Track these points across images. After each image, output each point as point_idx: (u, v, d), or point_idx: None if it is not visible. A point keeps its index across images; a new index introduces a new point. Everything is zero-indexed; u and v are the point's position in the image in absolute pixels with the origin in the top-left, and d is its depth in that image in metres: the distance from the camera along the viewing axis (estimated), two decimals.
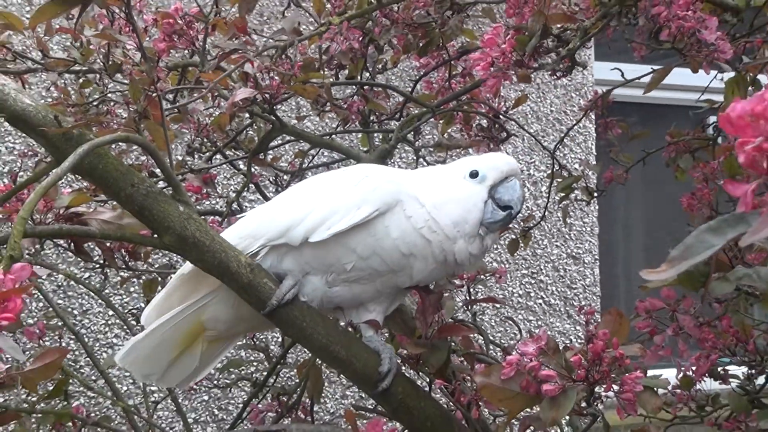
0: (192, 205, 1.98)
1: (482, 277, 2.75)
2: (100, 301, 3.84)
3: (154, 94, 1.94)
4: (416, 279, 1.97)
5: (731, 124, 0.90)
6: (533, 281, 5.44)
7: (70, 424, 2.86)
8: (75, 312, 4.39)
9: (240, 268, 1.91)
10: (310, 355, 2.42)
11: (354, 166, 2.26)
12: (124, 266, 2.48)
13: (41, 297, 3.18)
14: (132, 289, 4.22)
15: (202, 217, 2.84)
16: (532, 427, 1.78)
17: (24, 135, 2.65)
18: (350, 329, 2.03)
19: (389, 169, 2.11)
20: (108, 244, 2.46)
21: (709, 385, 2.54)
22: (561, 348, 1.68)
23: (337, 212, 1.91)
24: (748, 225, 0.91)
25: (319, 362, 2.45)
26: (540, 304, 5.44)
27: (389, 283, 1.97)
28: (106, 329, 4.48)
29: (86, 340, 3.94)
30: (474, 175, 1.96)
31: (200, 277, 2.01)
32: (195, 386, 3.53)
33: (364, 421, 1.92)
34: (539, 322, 5.40)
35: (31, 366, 1.51)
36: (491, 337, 4.82)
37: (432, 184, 1.98)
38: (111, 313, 3.81)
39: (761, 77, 2.78)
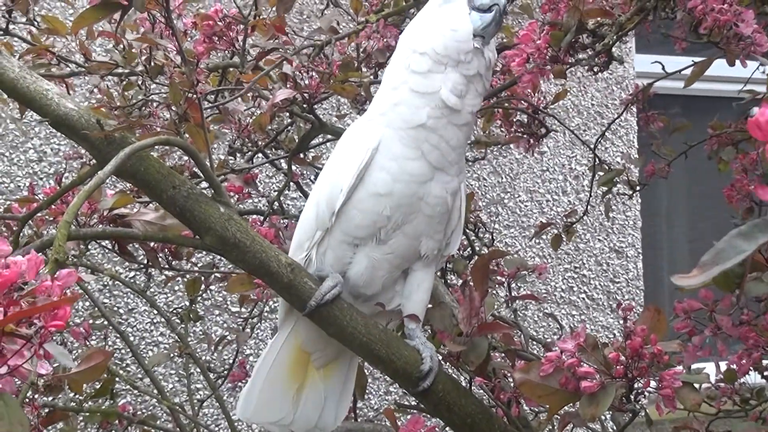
0: (232, 206, 1.99)
1: (524, 273, 2.75)
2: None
3: (194, 97, 1.96)
4: (445, 174, 1.92)
5: (760, 128, 0.90)
6: (576, 276, 5.42)
7: (117, 422, 2.90)
8: (120, 311, 4.44)
9: (280, 268, 1.92)
10: None
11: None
12: (167, 266, 2.51)
13: (87, 297, 3.21)
14: (176, 288, 4.26)
15: (244, 216, 2.87)
16: (571, 424, 1.78)
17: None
18: (390, 328, 2.04)
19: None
20: (151, 245, 2.49)
21: (753, 379, 2.53)
22: (600, 344, 1.68)
23: (342, 177, 1.91)
24: None
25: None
26: (583, 298, 5.42)
27: (424, 225, 1.94)
28: (152, 327, 4.53)
29: (132, 338, 3.99)
30: None
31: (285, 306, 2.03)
32: (240, 383, 3.54)
33: (408, 415, 1.92)
34: (582, 317, 5.37)
35: (77, 368, 1.53)
36: (533, 333, 4.83)
37: (414, 38, 1.91)
38: (156, 311, 3.83)
39: None
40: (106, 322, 3.18)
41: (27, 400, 1.47)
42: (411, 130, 1.88)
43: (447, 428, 2.07)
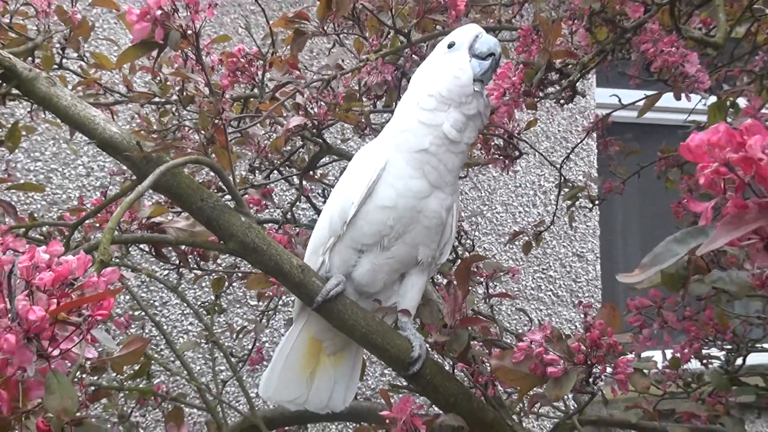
0: (252, 216, 1.99)
1: (499, 274, 2.75)
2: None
3: (220, 123, 1.96)
4: (441, 193, 1.92)
5: (690, 151, 0.91)
6: (544, 276, 5.42)
7: (152, 399, 2.89)
8: (156, 304, 4.44)
9: (292, 269, 1.92)
10: None
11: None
12: (196, 266, 2.51)
13: (128, 292, 3.20)
14: (204, 285, 4.26)
15: (262, 224, 2.87)
16: (539, 403, 1.78)
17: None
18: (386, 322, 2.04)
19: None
20: (182, 248, 2.49)
21: (694, 365, 2.53)
22: (563, 336, 1.69)
23: (353, 192, 1.91)
24: (707, 236, 0.92)
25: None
26: (549, 295, 5.42)
27: (421, 236, 1.94)
28: (182, 318, 4.53)
29: (165, 328, 3.98)
30: (451, 46, 1.90)
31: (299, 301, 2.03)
32: (257, 366, 3.53)
33: (400, 395, 1.92)
34: (549, 311, 5.38)
35: (119, 353, 1.53)
36: (507, 325, 4.83)
37: (423, 81, 1.92)
38: (186, 305, 3.83)
39: (740, 101, 2.75)
40: (143, 314, 3.17)
41: (76, 379, 1.45)
42: (415, 154, 1.89)
43: (433, 406, 2.07)
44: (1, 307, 1.09)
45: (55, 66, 2.61)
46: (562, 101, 2.11)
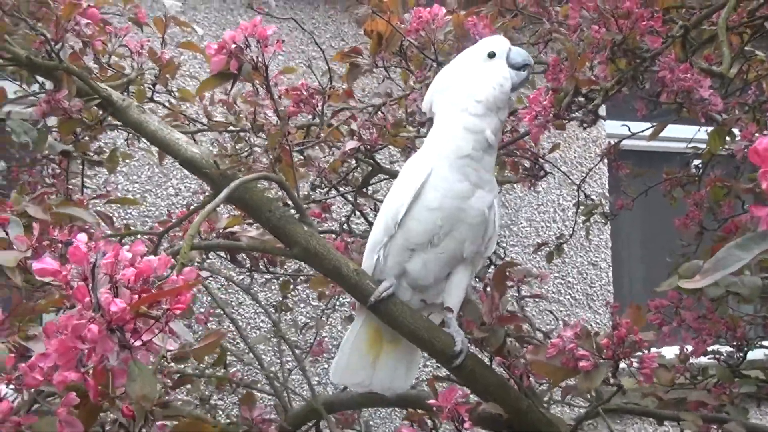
0: (314, 226, 1.90)
1: (529, 279, 2.63)
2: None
3: (286, 144, 1.88)
4: (481, 200, 1.81)
5: (758, 155, 0.77)
6: (563, 282, 5.28)
7: (228, 385, 2.81)
8: (233, 303, 4.36)
9: (349, 272, 1.83)
10: None
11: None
12: (265, 270, 2.41)
13: (208, 293, 3.12)
14: (273, 287, 4.17)
15: (322, 234, 2.79)
16: (570, 394, 1.66)
17: (196, 177, 2.62)
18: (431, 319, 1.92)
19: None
20: (254, 254, 2.41)
21: (700, 360, 2.40)
22: (592, 333, 1.57)
23: (403, 195, 1.81)
24: None
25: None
26: (568, 299, 5.27)
27: (467, 232, 1.82)
28: (255, 316, 4.45)
29: (240, 324, 3.87)
30: (492, 55, 1.79)
31: None
32: (318, 358, 3.44)
33: (443, 386, 1.81)
34: (568, 312, 5.23)
35: (198, 344, 1.45)
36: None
37: (468, 87, 1.80)
38: (258, 304, 3.74)
39: (735, 130, 2.66)
40: (221, 312, 3.09)
41: (160, 368, 1.36)
42: (459, 159, 1.78)
43: (472, 395, 1.95)
44: (87, 300, 1.00)
45: (147, 99, 2.55)
46: (585, 125, 1.98)
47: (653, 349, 1.57)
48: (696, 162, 3.34)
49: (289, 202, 1.99)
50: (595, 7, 1.71)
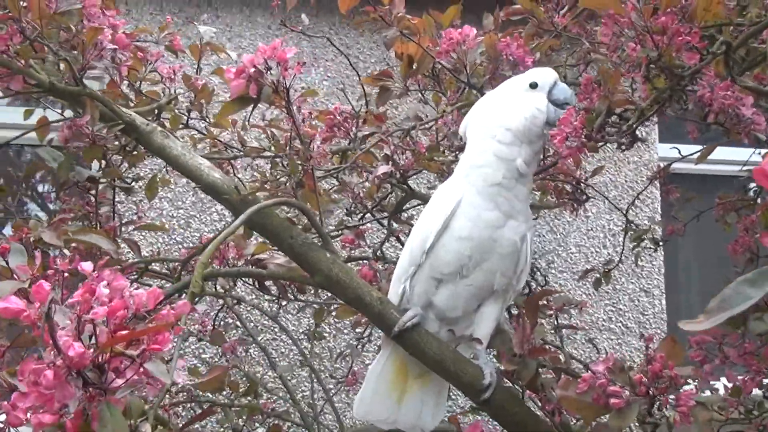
0: (337, 253, 1.85)
1: (568, 307, 2.52)
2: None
3: (309, 168, 1.83)
4: (514, 232, 1.74)
5: (765, 176, 0.70)
6: (614, 309, 5.10)
7: (259, 415, 2.76)
8: (276, 330, 4.26)
9: (372, 301, 1.77)
10: None
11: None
12: (293, 298, 2.36)
13: (240, 321, 3.05)
14: (307, 316, 4.07)
15: (354, 261, 2.73)
16: None
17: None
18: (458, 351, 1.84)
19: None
20: (282, 282, 2.36)
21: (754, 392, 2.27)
22: (626, 367, 1.47)
23: (432, 224, 1.75)
24: None
25: None
26: (619, 326, 5.09)
27: (498, 264, 1.75)
28: (289, 345, 4.35)
29: (271, 353, 3.80)
30: (534, 86, 1.75)
31: None
32: (351, 388, 3.35)
33: (473, 417, 1.72)
34: (619, 341, 5.04)
35: (203, 378, 1.40)
36: (579, 354, 4.55)
37: (501, 114, 1.74)
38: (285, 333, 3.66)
39: None
40: (252, 339, 3.04)
41: (162, 404, 1.31)
42: (489, 187, 1.71)
43: (503, 429, 1.86)
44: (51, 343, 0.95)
45: (182, 125, 2.54)
46: (623, 147, 1.89)
47: (689, 386, 1.47)
48: (753, 185, 3.21)
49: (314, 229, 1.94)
50: (629, 23, 1.62)
